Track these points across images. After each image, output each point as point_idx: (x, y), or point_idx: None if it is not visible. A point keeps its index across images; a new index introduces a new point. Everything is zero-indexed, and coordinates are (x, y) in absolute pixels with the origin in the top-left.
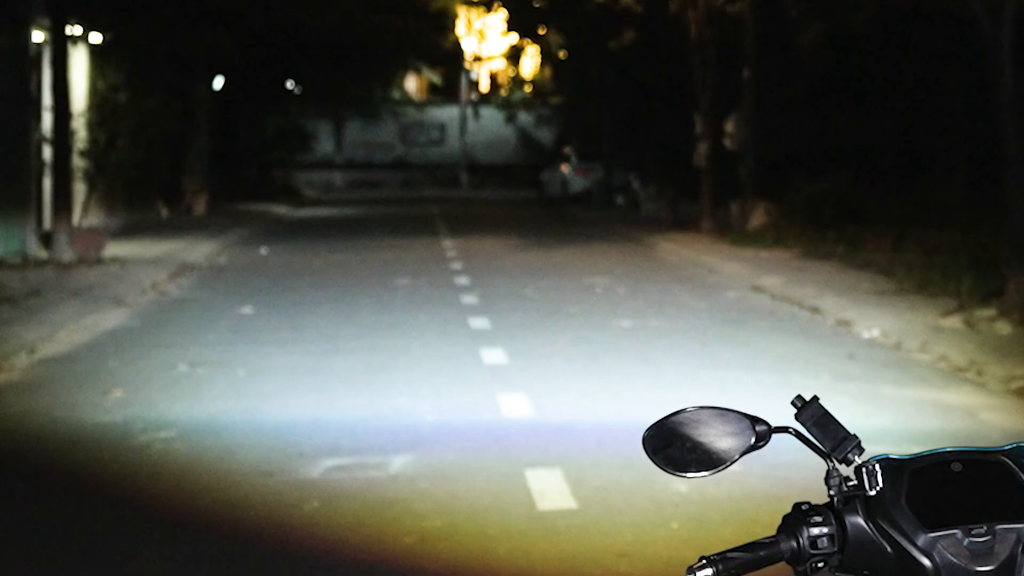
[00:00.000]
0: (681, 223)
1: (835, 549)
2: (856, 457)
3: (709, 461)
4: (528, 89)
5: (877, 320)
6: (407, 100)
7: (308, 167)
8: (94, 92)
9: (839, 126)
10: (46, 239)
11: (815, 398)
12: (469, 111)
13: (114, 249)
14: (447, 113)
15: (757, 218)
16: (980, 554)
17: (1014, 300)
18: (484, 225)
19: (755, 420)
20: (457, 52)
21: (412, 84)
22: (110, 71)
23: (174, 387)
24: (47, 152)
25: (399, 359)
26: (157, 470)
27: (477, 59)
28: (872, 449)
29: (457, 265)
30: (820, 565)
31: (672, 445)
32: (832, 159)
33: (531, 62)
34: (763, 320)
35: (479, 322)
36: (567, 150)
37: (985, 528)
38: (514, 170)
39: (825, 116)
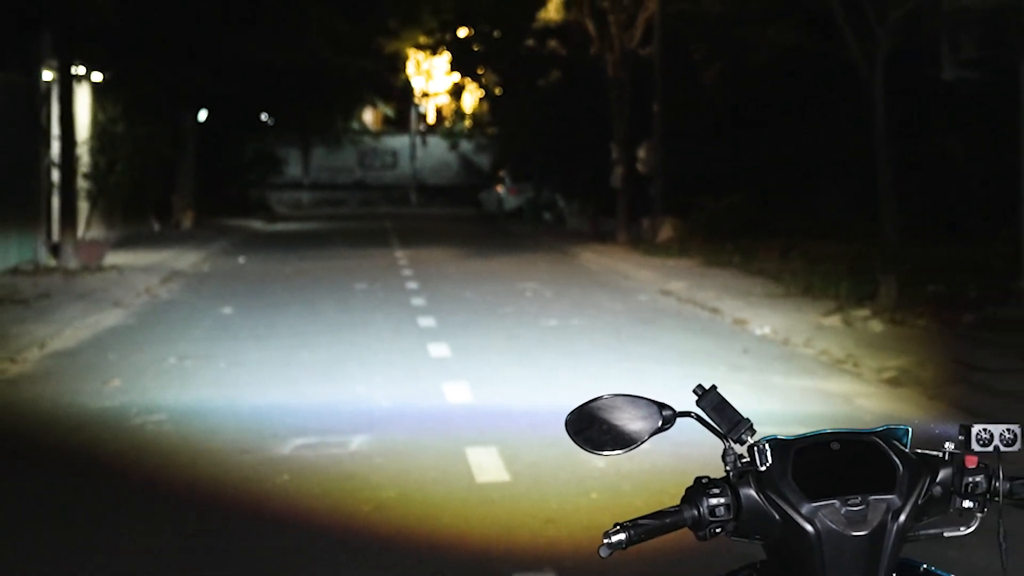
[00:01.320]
0: (600, 236)
1: (731, 517)
2: (749, 438)
3: (622, 441)
4: (468, 121)
5: (768, 319)
6: (365, 130)
7: (280, 187)
8: (96, 123)
9: (737, 152)
10: (54, 249)
11: (714, 387)
12: (418, 140)
13: (113, 258)
14: (399, 141)
15: (665, 232)
16: (855, 521)
17: (885, 302)
18: (431, 238)
19: (662, 406)
20: (408, 89)
21: (369, 116)
22: (109, 105)
23: (165, 377)
24: (55, 175)
25: (358, 353)
26: (150, 448)
27: (425, 95)
28: (763, 430)
29: (408, 272)
30: (718, 531)
31: (591, 427)
32: (731, 181)
33: (471, 98)
34: (670, 319)
35: (426, 321)
36: (502, 173)
37: (859, 499)
38: (456, 190)
39: (724, 143)
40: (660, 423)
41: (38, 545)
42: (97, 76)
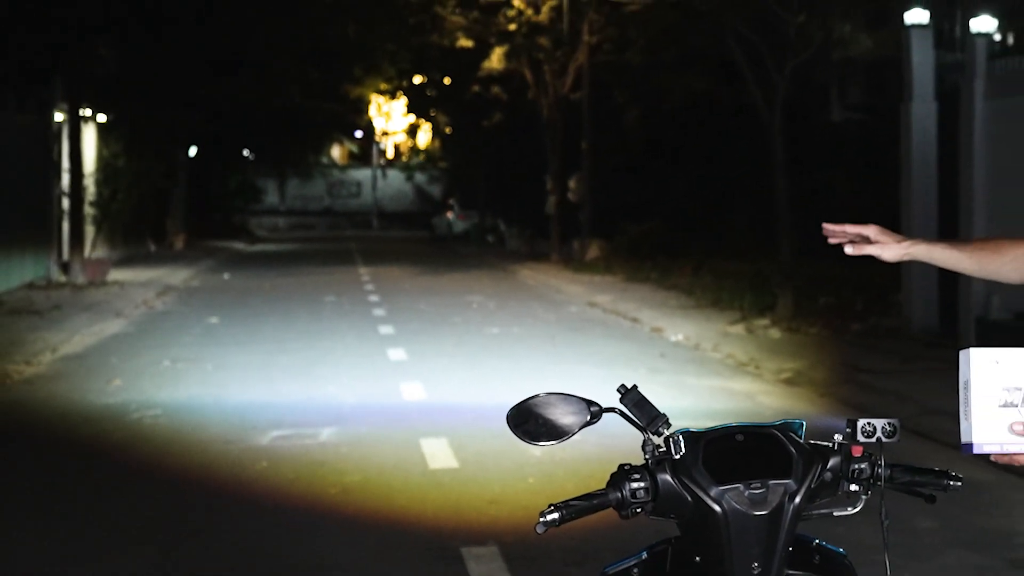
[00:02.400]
0: (536, 256)
1: (650, 499)
2: (665, 430)
3: (556, 433)
4: (422, 156)
5: (681, 327)
6: (333, 164)
7: (259, 213)
8: (100, 158)
9: (654, 183)
10: (64, 267)
11: (635, 386)
12: (379, 172)
13: (115, 275)
14: (362, 174)
15: (592, 252)
16: (757, 502)
17: (783, 313)
18: (390, 257)
19: (590, 402)
20: (370, 128)
21: (336, 152)
22: (112, 142)
23: (160, 377)
24: (65, 203)
25: (327, 356)
26: (147, 439)
27: (385, 133)
28: (677, 424)
29: (370, 287)
30: (638, 510)
31: (528, 421)
32: (649, 208)
33: (425, 136)
34: (597, 328)
35: (386, 329)
36: (451, 201)
37: (760, 483)
38: (412, 216)
39: (644, 176)
40: (588, 417)
41: (43, 527)
42: (102, 117)
